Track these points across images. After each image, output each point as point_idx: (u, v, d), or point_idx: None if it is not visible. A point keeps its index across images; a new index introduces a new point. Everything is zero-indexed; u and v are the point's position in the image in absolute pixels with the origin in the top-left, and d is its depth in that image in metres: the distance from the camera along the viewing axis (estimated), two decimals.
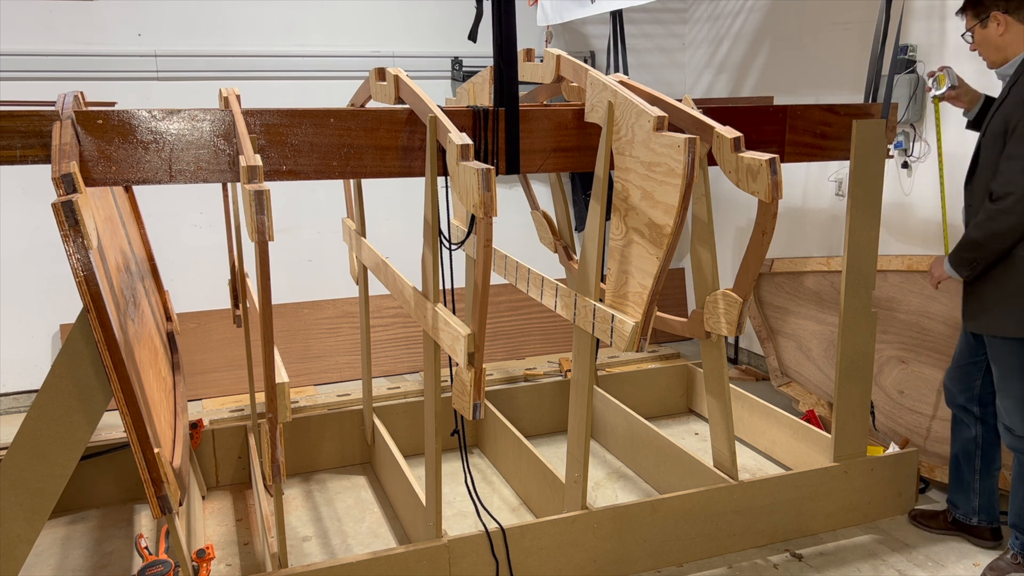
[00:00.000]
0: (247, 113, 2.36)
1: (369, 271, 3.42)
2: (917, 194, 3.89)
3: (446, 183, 2.72)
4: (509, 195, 5.29)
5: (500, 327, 5.24)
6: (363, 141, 2.48)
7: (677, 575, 2.97)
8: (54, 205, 1.86)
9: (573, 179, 5.40)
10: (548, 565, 2.84)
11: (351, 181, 3.59)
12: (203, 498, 3.54)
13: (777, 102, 3.90)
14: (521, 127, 2.62)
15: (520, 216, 5.18)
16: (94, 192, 2.47)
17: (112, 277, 2.29)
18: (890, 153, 3.11)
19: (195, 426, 3.55)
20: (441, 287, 2.56)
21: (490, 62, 2.91)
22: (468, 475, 2.84)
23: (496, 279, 4.77)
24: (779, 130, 2.99)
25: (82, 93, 2.55)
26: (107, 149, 2.24)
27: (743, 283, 2.67)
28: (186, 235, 4.74)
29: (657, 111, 2.40)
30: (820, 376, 4.19)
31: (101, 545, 3.21)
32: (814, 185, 4.56)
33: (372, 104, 3.09)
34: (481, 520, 2.78)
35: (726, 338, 3.40)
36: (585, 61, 5.19)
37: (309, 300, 4.92)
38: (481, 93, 3.46)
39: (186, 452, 2.74)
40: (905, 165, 3.93)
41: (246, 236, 2.52)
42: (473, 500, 2.82)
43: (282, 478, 2.31)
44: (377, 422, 3.71)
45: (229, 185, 3.43)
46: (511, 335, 5.28)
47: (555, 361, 5.16)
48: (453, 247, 2.69)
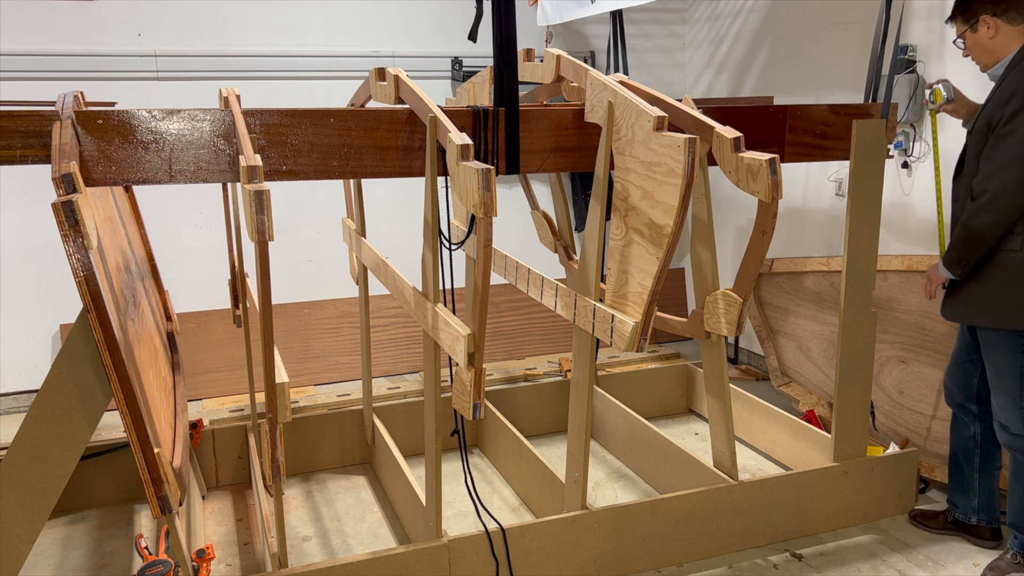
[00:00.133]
0: (247, 113, 2.36)
1: (369, 271, 3.42)
2: (917, 194, 3.89)
3: (446, 183, 2.72)
4: (509, 195, 5.29)
5: (500, 327, 5.24)
6: (363, 141, 2.48)
7: (677, 575, 2.97)
8: (54, 205, 1.86)
9: (573, 179, 5.40)
10: (548, 565, 2.84)
11: (351, 181, 3.59)
12: (203, 498, 3.54)
13: (777, 102, 3.90)
14: (521, 127, 2.62)
15: (520, 216, 5.18)
16: (94, 192, 2.47)
17: (112, 277, 2.29)
18: (890, 153, 3.11)
19: (195, 426, 3.55)
20: (441, 287, 2.56)
21: (490, 62, 2.91)
22: (468, 475, 2.84)
23: (496, 279, 4.77)
24: (779, 130, 2.99)
25: (82, 93, 2.55)
26: (107, 149, 2.24)
27: (743, 283, 2.67)
28: (186, 235, 4.74)
29: (657, 111, 2.40)
30: (820, 376, 4.19)
31: (101, 545, 3.21)
32: (814, 185, 4.56)
33: (372, 104, 3.09)
34: (481, 520, 2.78)
35: (726, 338, 3.40)
36: (585, 61, 5.19)
37: (309, 300, 4.92)
38: (481, 93, 3.46)
39: (186, 452, 2.74)
40: (905, 165, 3.93)
41: (246, 236, 2.52)
42: (473, 500, 2.82)
43: (282, 478, 2.31)
44: (377, 422, 3.71)
45: (229, 185, 3.43)
46: (511, 335, 5.28)
47: (555, 361, 5.16)
48: (453, 247, 2.69)
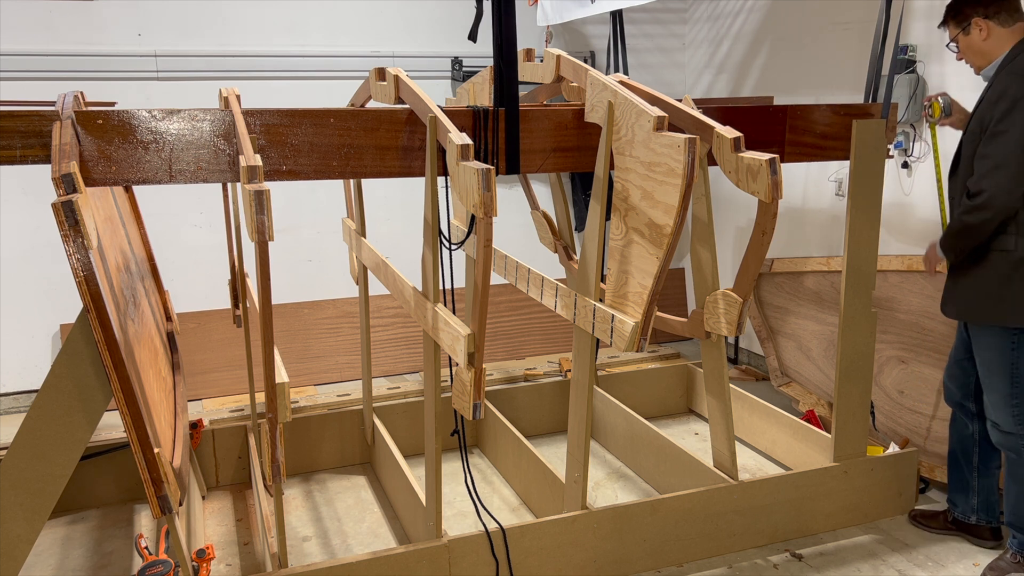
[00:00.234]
0: (247, 113, 2.36)
1: (369, 271, 3.42)
2: (917, 194, 3.89)
3: (446, 183, 2.72)
4: (509, 195, 5.29)
5: (500, 327, 5.24)
6: (363, 141, 2.48)
7: (677, 575, 2.97)
8: (54, 205, 1.86)
9: (573, 179, 5.40)
10: (548, 565, 2.84)
11: (351, 181, 3.59)
12: (203, 498, 3.54)
13: (777, 102, 3.90)
14: (521, 127, 2.62)
15: (520, 216, 5.17)
16: (94, 192, 2.47)
17: (112, 277, 2.29)
18: (890, 153, 3.11)
19: (195, 426, 3.55)
20: (441, 287, 2.56)
21: (490, 62, 2.91)
22: (468, 475, 2.84)
23: (496, 279, 4.77)
24: (779, 130, 2.99)
25: (82, 93, 2.55)
26: (107, 149, 2.24)
27: (743, 283, 2.67)
28: (186, 235, 4.74)
29: (657, 111, 2.40)
30: (820, 376, 4.19)
31: (101, 545, 3.21)
32: (814, 185, 4.56)
33: (372, 104, 3.09)
34: (481, 520, 2.78)
35: (726, 338, 3.40)
36: (585, 61, 5.19)
37: (309, 300, 4.92)
38: (481, 93, 3.46)
39: (186, 452, 2.73)
40: (905, 165, 3.93)
41: (246, 236, 2.52)
42: (473, 500, 2.82)
43: (282, 478, 2.31)
44: (377, 422, 3.71)
45: (229, 185, 3.43)
46: (511, 335, 5.28)
47: (555, 361, 5.16)
48: (453, 247, 2.69)
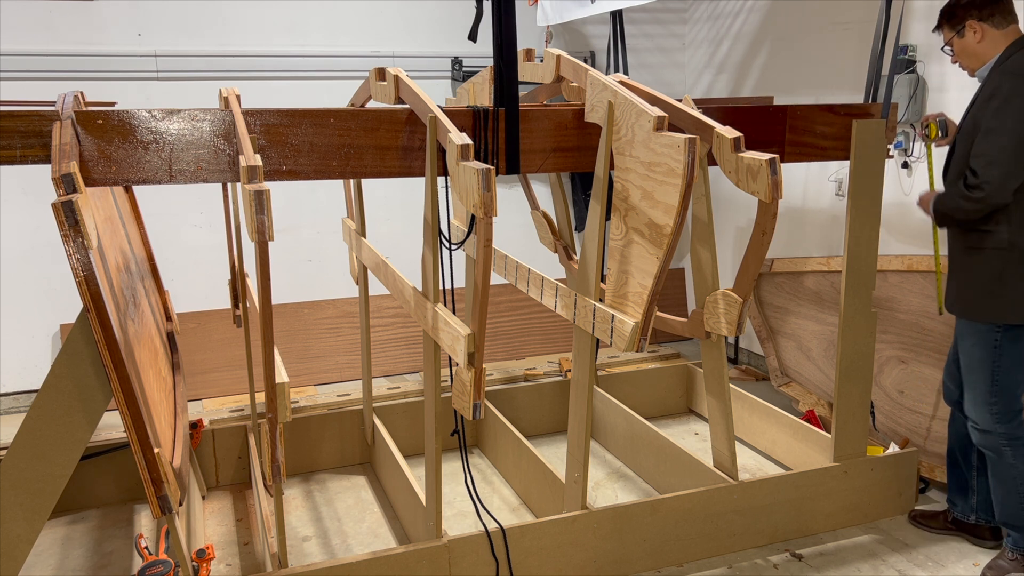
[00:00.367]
0: (247, 113, 2.36)
1: (369, 271, 3.42)
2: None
3: (446, 183, 2.72)
4: (509, 195, 5.29)
5: (500, 327, 5.24)
6: (363, 141, 2.48)
7: (677, 575, 2.97)
8: (54, 205, 1.86)
9: (573, 179, 5.40)
10: (548, 565, 2.84)
11: (351, 181, 3.59)
12: (203, 498, 3.54)
13: (777, 102, 3.90)
14: (521, 127, 2.62)
15: (520, 216, 5.17)
16: (94, 192, 2.47)
17: (112, 277, 2.29)
18: (890, 153, 3.11)
19: (195, 426, 3.55)
20: (441, 287, 2.56)
21: (490, 62, 2.90)
22: (468, 475, 2.84)
23: (496, 279, 4.77)
24: (779, 130, 2.99)
25: (82, 93, 2.55)
26: (107, 149, 2.24)
27: (743, 283, 2.67)
28: (186, 235, 4.74)
29: (657, 111, 2.40)
30: (820, 376, 4.19)
31: (101, 545, 3.21)
32: (814, 185, 4.56)
33: (372, 104, 3.09)
34: (481, 520, 2.78)
35: (726, 338, 3.40)
36: (585, 61, 5.19)
37: (309, 300, 4.92)
38: (481, 93, 3.46)
39: (186, 452, 2.73)
40: (905, 165, 3.93)
41: (246, 236, 2.52)
42: (473, 500, 2.82)
43: (282, 478, 2.31)
44: (377, 422, 3.71)
45: (229, 185, 3.43)
46: (511, 335, 5.28)
47: (555, 361, 5.16)
48: (453, 247, 2.69)
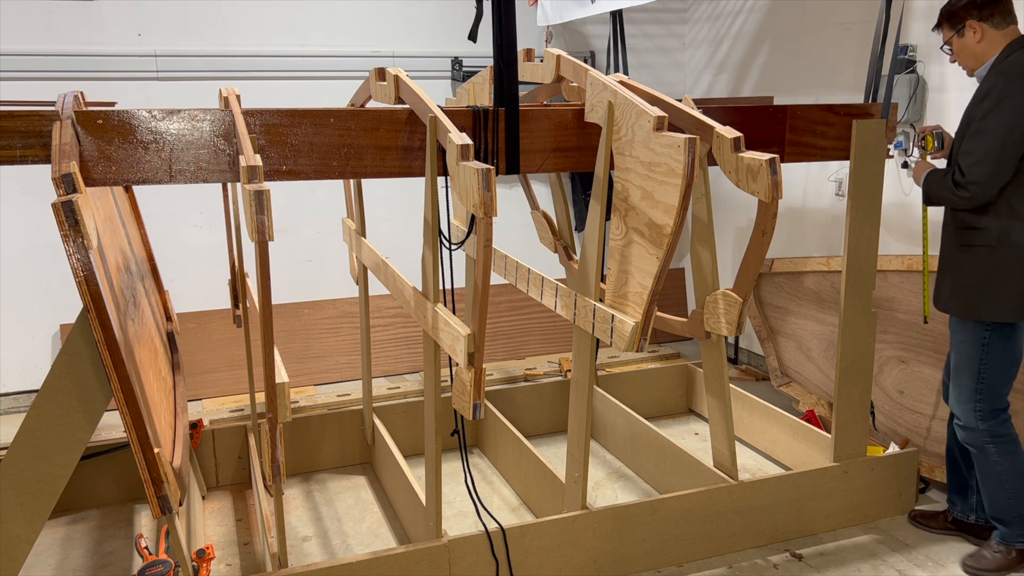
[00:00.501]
0: (247, 113, 2.36)
1: (369, 271, 3.42)
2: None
3: (446, 183, 2.72)
4: (509, 195, 5.29)
5: (500, 327, 5.24)
6: (363, 141, 2.48)
7: (677, 575, 2.97)
8: (54, 205, 1.86)
9: (573, 179, 5.40)
10: (548, 565, 2.84)
11: (351, 181, 3.59)
12: (203, 498, 3.54)
13: (777, 102, 3.90)
14: (521, 127, 2.62)
15: (520, 216, 5.17)
16: (94, 192, 2.47)
17: (112, 277, 2.29)
18: (890, 153, 3.11)
19: (195, 426, 3.55)
20: (441, 287, 2.56)
21: (490, 62, 2.91)
22: (468, 475, 2.84)
23: (496, 279, 4.77)
24: (779, 130, 2.99)
25: (82, 93, 2.55)
26: (107, 149, 2.24)
27: (743, 283, 2.67)
28: (186, 235, 4.74)
29: (657, 111, 2.40)
30: (820, 376, 4.19)
31: (101, 545, 3.21)
32: (814, 185, 4.56)
33: (372, 104, 3.09)
34: (481, 520, 2.78)
35: (726, 338, 3.40)
36: (585, 61, 5.19)
37: (309, 300, 4.92)
38: (481, 93, 3.46)
39: (186, 452, 2.73)
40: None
41: (246, 236, 2.52)
42: (473, 500, 2.82)
43: (282, 478, 2.31)
44: (377, 422, 3.71)
45: (229, 185, 3.43)
46: (511, 335, 5.28)
47: (555, 361, 5.16)
48: (453, 247, 2.69)
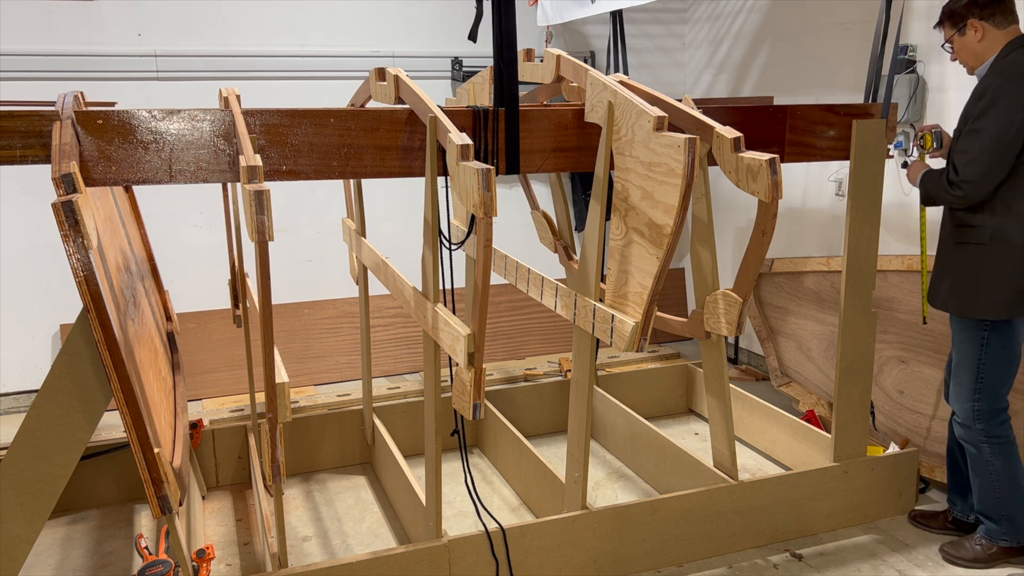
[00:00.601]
0: (247, 113, 2.36)
1: (369, 271, 3.42)
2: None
3: (446, 183, 2.72)
4: (509, 195, 5.29)
5: (500, 327, 5.24)
6: (363, 141, 2.48)
7: (677, 575, 2.97)
8: (54, 205, 1.86)
9: (573, 179, 5.40)
10: (548, 565, 2.84)
11: (351, 181, 3.59)
12: (203, 498, 3.54)
13: (777, 102, 3.90)
14: (521, 127, 2.62)
15: (520, 216, 5.17)
16: (94, 192, 2.47)
17: (112, 277, 2.29)
18: (890, 153, 3.11)
19: (195, 426, 3.55)
20: (441, 287, 2.56)
21: (490, 62, 2.91)
22: (468, 475, 2.84)
23: (496, 279, 4.77)
24: (779, 130, 2.99)
25: (82, 93, 2.55)
26: (107, 149, 2.24)
27: (743, 283, 2.67)
28: (186, 235, 4.74)
29: (657, 111, 2.40)
30: (820, 376, 4.19)
31: (101, 545, 3.21)
32: (814, 185, 4.56)
33: (372, 104, 3.09)
34: (481, 520, 2.78)
35: (726, 338, 3.40)
36: (585, 61, 5.19)
37: (309, 300, 4.92)
38: (481, 93, 3.46)
39: (186, 452, 2.73)
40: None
41: (246, 236, 2.52)
42: (473, 500, 2.82)
43: (282, 478, 2.31)
44: (377, 422, 3.71)
45: (229, 185, 3.43)
46: (511, 335, 5.28)
47: (555, 361, 5.16)
48: (453, 247, 2.69)
